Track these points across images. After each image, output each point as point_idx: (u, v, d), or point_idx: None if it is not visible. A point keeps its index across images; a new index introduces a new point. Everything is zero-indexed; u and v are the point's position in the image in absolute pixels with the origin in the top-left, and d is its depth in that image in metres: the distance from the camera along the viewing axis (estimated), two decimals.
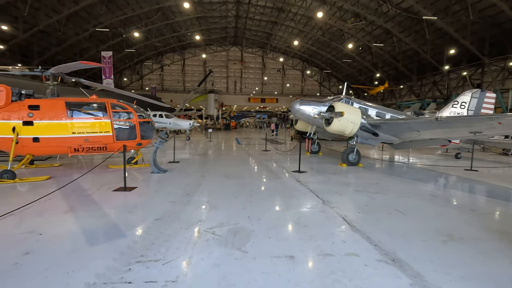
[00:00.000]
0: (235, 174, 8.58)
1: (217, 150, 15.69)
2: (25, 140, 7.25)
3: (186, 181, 7.51)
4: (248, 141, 22.73)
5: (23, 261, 3.18)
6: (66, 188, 6.07)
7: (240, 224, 4.44)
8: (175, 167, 9.54)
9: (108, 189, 6.44)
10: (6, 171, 6.82)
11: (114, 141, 8.19)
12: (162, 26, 43.93)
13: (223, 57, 59.88)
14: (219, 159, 12.09)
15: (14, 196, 5.89)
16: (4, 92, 7.08)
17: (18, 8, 28.35)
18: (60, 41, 37.40)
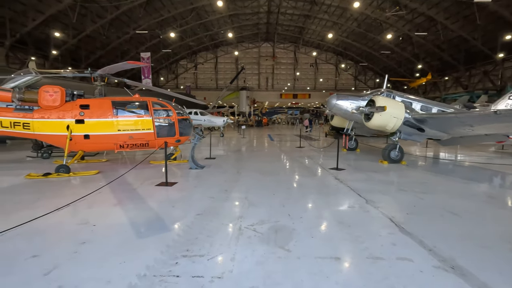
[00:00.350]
0: (270, 171, 8.52)
1: (250, 146, 15.77)
2: (77, 137, 7.83)
3: (223, 177, 7.61)
4: (281, 137, 22.56)
5: (81, 250, 3.40)
6: (114, 183, 6.44)
7: (280, 222, 4.36)
8: (211, 163, 9.73)
9: (151, 183, 6.73)
10: (62, 165, 7.44)
11: (155, 138, 8.54)
12: (196, 26, 45.07)
13: (255, 53, 59.95)
14: (253, 155, 12.12)
15: (70, 188, 6.39)
16: (59, 93, 7.68)
17: (68, 15, 30.76)
18: (104, 45, 39.99)
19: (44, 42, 33.47)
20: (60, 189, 6.31)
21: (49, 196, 5.69)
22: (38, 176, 7.17)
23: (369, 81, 60.26)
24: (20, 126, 7.54)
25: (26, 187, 6.40)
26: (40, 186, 6.49)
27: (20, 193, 5.93)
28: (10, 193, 5.95)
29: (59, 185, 6.57)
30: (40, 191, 6.04)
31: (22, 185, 6.60)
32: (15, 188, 6.33)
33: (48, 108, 7.62)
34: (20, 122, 7.52)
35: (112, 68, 7.70)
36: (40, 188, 6.28)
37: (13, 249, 3.43)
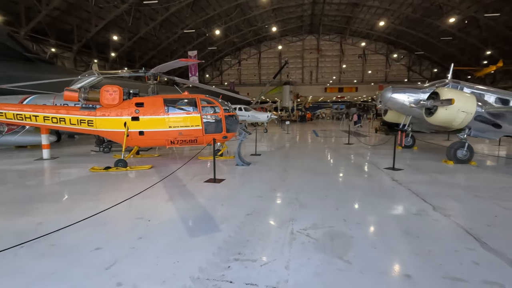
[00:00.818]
0: (319, 169, 8.12)
1: (295, 142, 15.38)
2: (133, 134, 8.30)
3: (270, 175, 7.43)
4: (327, 133, 21.71)
5: (138, 246, 3.49)
6: (166, 178, 6.65)
7: (336, 227, 4.03)
8: (257, 159, 9.63)
9: (199, 180, 6.83)
10: (120, 160, 7.95)
11: (203, 134, 8.68)
12: (240, 22, 45.47)
13: (299, 47, 58.64)
14: (300, 152, 11.75)
15: (127, 183, 6.78)
16: (118, 92, 8.20)
17: (124, 20, 33.20)
18: (155, 45, 42.48)
19: (105, 45, 36.67)
20: (118, 183, 6.73)
21: (109, 189, 6.08)
22: (100, 170, 7.77)
23: (425, 71, 55.18)
24: (85, 123, 8.23)
25: (90, 180, 6.95)
26: (102, 179, 7.00)
27: (86, 185, 6.45)
28: (78, 184, 6.51)
29: (117, 179, 7.02)
30: (102, 184, 6.50)
31: (88, 177, 7.19)
32: (82, 180, 6.92)
33: (108, 106, 8.18)
34: (85, 119, 8.20)
35: (164, 67, 7.96)
36: (102, 181, 6.77)
37: (81, 240, 3.65)
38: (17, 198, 5.50)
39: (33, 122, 8.00)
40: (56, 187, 6.49)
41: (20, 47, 18.40)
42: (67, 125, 8.18)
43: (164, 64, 7.72)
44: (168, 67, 7.99)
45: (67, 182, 6.85)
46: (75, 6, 29.61)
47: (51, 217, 4.48)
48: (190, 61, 7.13)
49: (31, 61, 18.52)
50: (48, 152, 9.55)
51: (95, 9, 30.45)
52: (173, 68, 8.32)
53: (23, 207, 4.95)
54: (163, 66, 7.87)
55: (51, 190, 6.25)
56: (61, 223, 4.02)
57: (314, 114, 58.37)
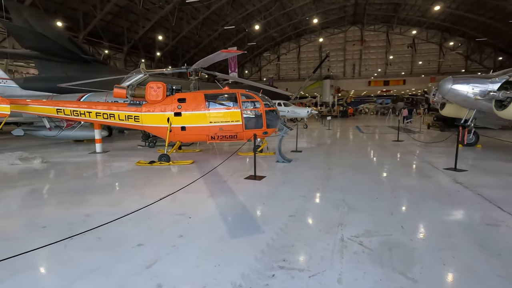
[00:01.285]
0: (367, 168, 7.47)
1: (338, 139, 14.60)
2: (175, 129, 8.44)
3: (312, 173, 7.01)
4: (372, 129, 20.37)
5: (178, 244, 3.39)
6: (206, 174, 6.60)
7: (394, 236, 3.54)
8: (298, 156, 9.23)
9: (240, 176, 6.67)
10: (163, 155, 8.14)
11: (243, 129, 8.53)
12: (279, 16, 44.79)
13: (340, 39, 56.13)
14: (343, 149, 11.06)
15: (169, 177, 6.88)
16: (161, 88, 8.38)
17: (168, 20, 34.59)
18: (197, 44, 43.73)
19: (151, 45, 38.70)
20: (162, 177, 6.85)
21: (153, 183, 6.20)
22: (145, 164, 8.03)
23: (486, 60, 49.26)
24: (132, 119, 8.56)
25: (136, 173, 7.19)
26: (146, 173, 7.21)
27: (132, 178, 6.67)
28: (125, 177, 6.76)
29: (161, 173, 7.16)
30: (147, 178, 6.67)
31: (134, 171, 7.47)
32: (129, 173, 7.19)
33: (153, 102, 8.41)
34: (132, 115, 8.53)
35: (206, 61, 7.91)
36: (147, 175, 6.95)
37: (125, 234, 3.67)
38: (72, 189, 5.84)
39: (87, 118, 8.54)
40: (106, 180, 6.81)
41: (79, 50, 20.08)
42: (116, 121, 8.59)
43: (206, 57, 7.66)
44: (209, 61, 7.93)
45: (115, 175, 7.16)
46: (125, 10, 31.59)
47: (99, 209, 4.63)
48: (232, 51, 6.96)
49: (87, 62, 20.12)
50: (101, 146, 10.19)
51: (142, 11, 32.15)
52: (214, 62, 8.25)
53: (76, 198, 5.21)
54: (204, 60, 7.82)
55: (102, 182, 6.57)
56: (107, 217, 4.10)
57: (357, 109, 55.62)
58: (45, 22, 18.59)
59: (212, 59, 7.74)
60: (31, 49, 17.62)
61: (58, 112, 8.44)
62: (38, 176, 6.97)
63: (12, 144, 12.92)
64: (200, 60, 7.95)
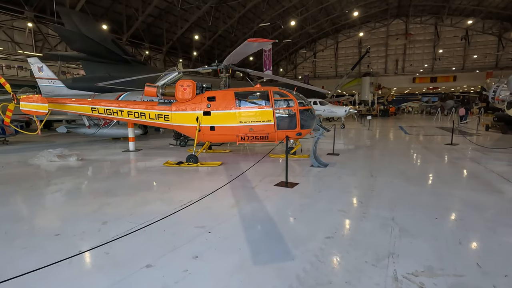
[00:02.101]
0: (417, 177, 6.38)
1: (380, 140, 13.27)
2: (204, 129, 8.05)
3: (352, 181, 6.14)
4: (418, 130, 18.44)
5: (191, 269, 2.85)
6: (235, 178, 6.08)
7: (467, 278, 2.64)
8: (335, 160, 8.33)
9: (270, 182, 6.03)
10: (191, 155, 7.79)
11: (275, 130, 7.87)
12: (317, 12, 43.11)
13: (382, 33, 52.60)
14: (387, 153, 9.87)
15: (196, 181, 6.46)
16: (191, 86, 8.03)
17: (205, 20, 35.00)
18: (233, 43, 43.81)
19: (188, 46, 39.55)
20: (187, 180, 6.46)
21: (177, 188, 5.81)
22: (173, 164, 7.75)
23: None
24: (162, 118, 8.35)
25: (162, 174, 6.91)
26: (172, 174, 6.89)
27: (157, 180, 6.37)
28: (150, 179, 6.49)
29: (187, 176, 6.78)
30: (171, 181, 6.32)
31: (160, 171, 7.20)
32: (155, 175, 6.92)
33: (183, 101, 8.10)
34: (162, 114, 8.32)
35: (235, 55, 7.35)
36: (172, 177, 6.62)
37: (136, 250, 3.24)
38: (97, 191, 5.67)
39: (119, 116, 8.50)
40: (132, 181, 6.59)
41: (121, 51, 20.88)
42: (147, 120, 8.44)
43: (234, 51, 7.08)
44: (239, 55, 7.35)
45: (142, 176, 6.94)
46: (165, 12, 32.53)
47: (118, 215, 4.30)
48: (260, 40, 6.21)
49: (128, 63, 20.85)
50: (134, 144, 10.22)
51: (181, 12, 32.85)
52: (245, 55, 7.68)
53: (99, 201, 4.98)
54: (234, 54, 7.26)
55: (127, 183, 6.35)
56: (124, 226, 3.75)
57: (399, 108, 51.80)
58: (91, 25, 19.57)
59: (241, 53, 7.14)
60: (78, 51, 18.67)
61: (93, 110, 8.52)
62: (70, 174, 7.01)
63: (58, 140, 13.67)
64: (230, 54, 7.41)
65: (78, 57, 19.30)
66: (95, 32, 19.51)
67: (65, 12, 18.64)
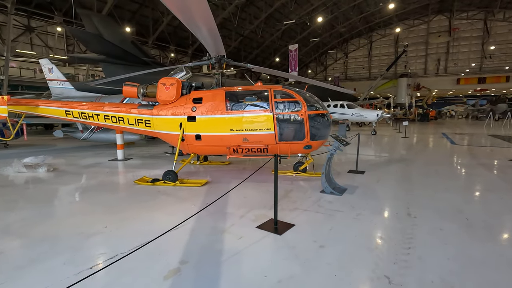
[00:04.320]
0: (482, 220, 4.06)
1: (419, 152, 10.64)
2: (189, 138, 6.35)
3: (378, 223, 4.01)
4: (466, 138, 15.21)
5: None
6: (210, 208, 4.26)
7: None
8: (357, 182, 6.17)
9: (254, 219, 4.13)
10: (169, 172, 6.10)
11: (276, 141, 5.93)
12: (349, 10, 39.97)
13: (422, 31, 47.68)
14: (429, 171, 7.39)
15: (155, 212, 4.74)
16: (175, 85, 6.40)
17: (231, 21, 33.80)
18: (259, 44, 42.27)
19: None
20: (141, 211, 4.76)
21: (116, 226, 4.10)
22: (146, 182, 6.13)
23: None
24: (142, 123, 6.81)
25: (125, 196, 5.32)
26: (136, 198, 5.26)
27: (112, 206, 4.76)
28: (106, 203, 4.89)
29: (147, 203, 5.04)
30: (128, 208, 4.67)
31: (127, 192, 5.62)
32: (116, 197, 5.35)
33: (165, 103, 6.49)
34: (142, 119, 6.78)
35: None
36: (132, 202, 4.98)
37: None
38: (33, 217, 4.19)
39: (95, 121, 7.11)
40: (80, 206, 5.05)
41: (140, 53, 20.19)
42: (126, 125, 6.96)
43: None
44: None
45: (96, 199, 5.39)
46: None
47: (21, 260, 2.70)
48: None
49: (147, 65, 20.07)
50: (122, 153, 8.84)
51: None
52: None
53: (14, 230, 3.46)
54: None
55: (72, 208, 4.82)
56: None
57: (440, 112, 46.49)
58: (112, 27, 19.07)
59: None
60: (97, 53, 18.19)
61: (67, 114, 7.23)
62: (17, 192, 5.69)
63: (60, 144, 12.67)
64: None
65: (97, 59, 18.87)
66: (115, 34, 18.97)
67: (86, 14, 18.28)
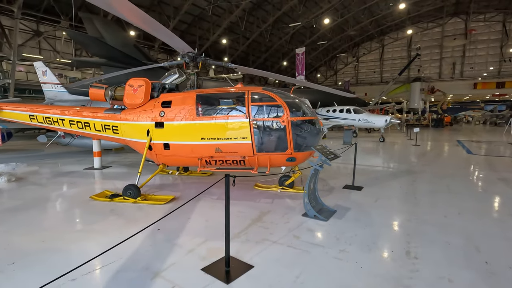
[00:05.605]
0: (508, 257, 2.94)
1: (430, 162, 9.38)
2: (157, 146, 5.49)
3: (369, 264, 2.96)
4: (484, 147, 13.70)
5: None
6: (156, 236, 3.35)
7: None
8: (351, 202, 5.10)
9: (202, 258, 3.17)
10: (130, 187, 5.19)
11: (253, 152, 4.97)
12: (359, 12, 38.62)
13: (436, 34, 45.59)
14: (442, 184, 6.20)
15: (89, 242, 3.87)
16: (143, 87, 5.57)
17: (238, 25, 33.21)
18: (268, 48, 41.48)
19: (222, 52, 38.12)
20: (89, 235, 3.90)
21: (45, 258, 3.27)
22: (104, 198, 5.28)
23: None
24: (110, 130, 6.02)
25: (72, 217, 4.49)
26: (85, 219, 4.43)
27: (46, 230, 3.93)
28: (43, 229, 4.06)
29: (101, 223, 4.22)
30: (67, 232, 3.83)
31: (75, 211, 4.80)
32: (62, 215, 4.53)
33: (132, 107, 5.68)
34: (109, 124, 5.99)
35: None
36: (76, 226, 4.15)
37: None
38: None
39: (60, 126, 6.39)
40: (5, 229, 4.26)
41: (142, 56, 19.71)
42: (93, 132, 6.19)
43: None
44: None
45: (39, 217, 4.58)
46: (198, 18, 31.50)
47: None
48: None
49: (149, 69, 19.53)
50: (100, 160, 8.08)
51: (214, 18, 31.50)
52: None
53: None
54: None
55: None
56: None
57: (455, 118, 44.10)
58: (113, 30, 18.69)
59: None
60: (98, 56, 17.83)
61: (31, 119, 6.54)
62: None
63: (48, 150, 11.88)
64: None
65: (99, 62, 18.51)
66: (117, 37, 18.57)
67: (88, 18, 17.97)
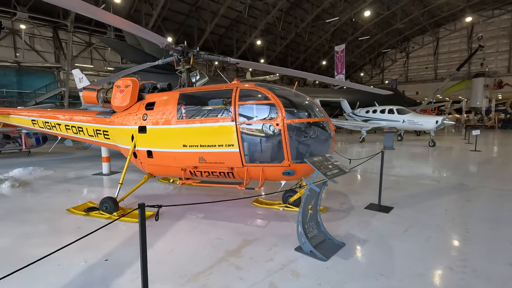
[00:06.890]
0: None
1: (491, 176, 7.21)
2: (141, 154, 4.80)
3: None
4: None
5: None
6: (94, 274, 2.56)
7: None
8: (372, 230, 3.74)
9: None
10: (107, 200, 4.53)
11: (243, 163, 3.94)
12: (409, 4, 34.65)
13: (503, 22, 38.83)
14: (505, 209, 4.40)
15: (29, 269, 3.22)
16: (130, 87, 4.93)
17: (276, 26, 32.26)
18: (307, 47, 39.72)
19: (260, 53, 37.48)
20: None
21: None
22: (81, 211, 4.71)
23: None
24: (101, 135, 5.54)
25: (28, 235, 3.98)
26: (42, 240, 3.87)
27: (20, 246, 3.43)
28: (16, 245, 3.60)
29: (53, 247, 3.61)
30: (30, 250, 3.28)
31: (40, 227, 4.29)
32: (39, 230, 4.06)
33: (119, 110, 5.09)
34: (100, 129, 5.51)
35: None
36: (24, 249, 3.59)
37: None
38: None
39: (58, 131, 6.12)
40: None
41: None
42: (86, 137, 5.79)
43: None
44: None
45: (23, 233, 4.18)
46: (235, 21, 31.39)
47: None
48: None
49: (181, 73, 19.70)
50: (108, 166, 7.75)
51: (251, 20, 31.04)
52: None
53: None
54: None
55: None
56: None
57: None
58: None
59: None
60: (134, 62, 18.47)
61: (33, 123, 6.41)
62: None
63: (79, 153, 11.97)
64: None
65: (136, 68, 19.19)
66: (153, 44, 19.11)
67: None
